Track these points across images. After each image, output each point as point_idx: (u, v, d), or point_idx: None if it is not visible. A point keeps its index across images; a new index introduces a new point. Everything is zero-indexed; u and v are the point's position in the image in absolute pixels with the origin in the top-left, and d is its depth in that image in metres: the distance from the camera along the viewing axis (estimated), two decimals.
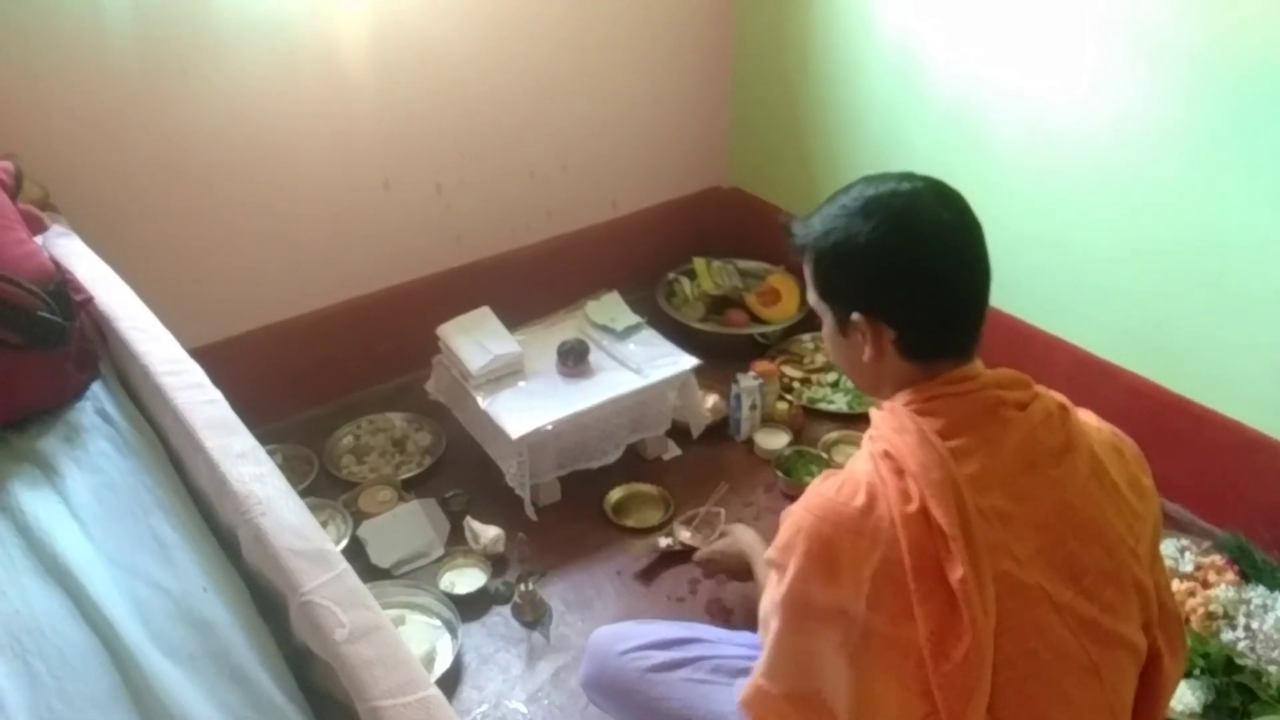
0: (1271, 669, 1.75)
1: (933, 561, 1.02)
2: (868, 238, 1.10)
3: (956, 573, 1.01)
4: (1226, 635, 1.81)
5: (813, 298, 1.20)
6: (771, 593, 1.14)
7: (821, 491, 1.10)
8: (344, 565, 1.01)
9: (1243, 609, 1.84)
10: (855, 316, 1.13)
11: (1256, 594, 1.87)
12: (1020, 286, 2.32)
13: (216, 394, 1.26)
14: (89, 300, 1.45)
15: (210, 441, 1.15)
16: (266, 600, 1.09)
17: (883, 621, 1.04)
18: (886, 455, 1.08)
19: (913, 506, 1.03)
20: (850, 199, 1.14)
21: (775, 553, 1.13)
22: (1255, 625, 1.81)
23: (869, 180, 1.15)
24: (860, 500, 1.06)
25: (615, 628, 1.65)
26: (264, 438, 2.24)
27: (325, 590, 0.97)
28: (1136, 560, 1.12)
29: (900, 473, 1.06)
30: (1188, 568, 1.94)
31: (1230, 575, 1.91)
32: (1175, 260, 2.02)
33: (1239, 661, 1.75)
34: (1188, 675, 1.74)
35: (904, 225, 1.10)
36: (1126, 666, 1.12)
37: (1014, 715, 1.04)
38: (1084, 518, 1.09)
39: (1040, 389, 1.15)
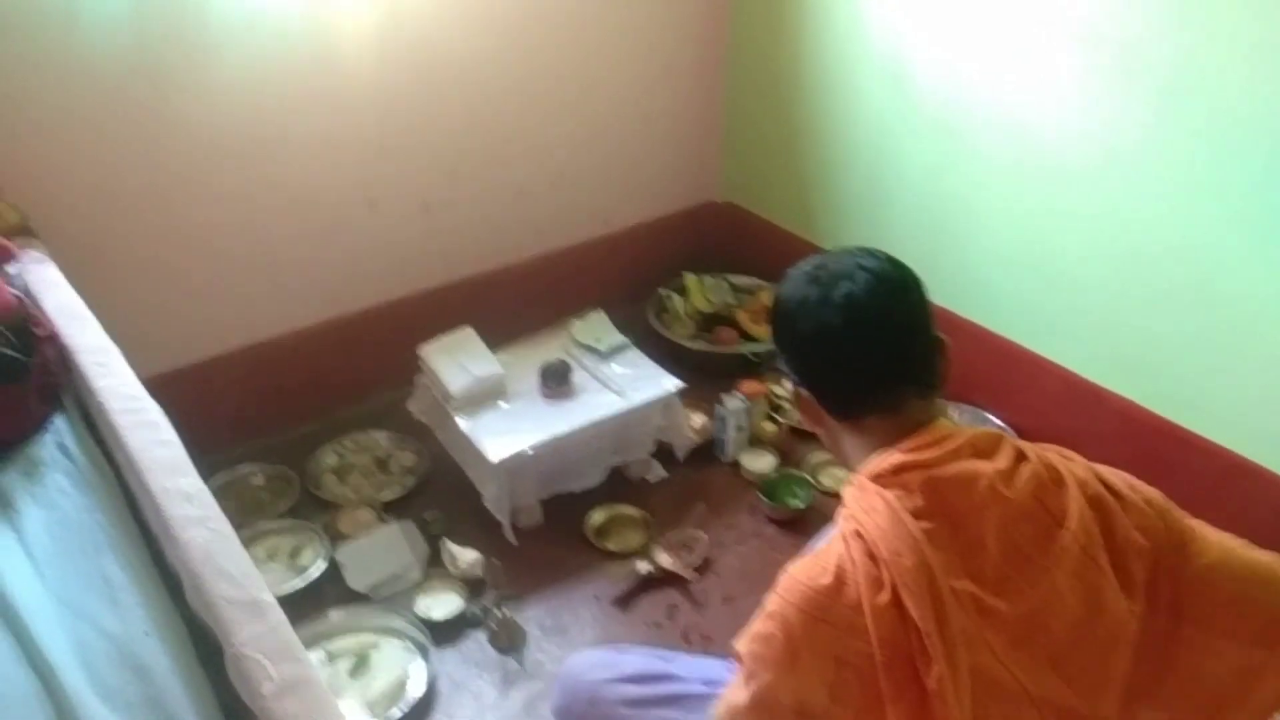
0: None
1: (905, 657, 0.97)
2: (785, 305, 1.18)
3: (933, 673, 0.95)
4: None
5: None
6: (735, 696, 1.06)
7: (792, 574, 1.04)
8: (279, 616, 1.00)
9: None
10: (789, 381, 1.22)
11: None
12: (1010, 307, 2.30)
13: (171, 434, 1.25)
14: (51, 334, 1.45)
15: (157, 484, 1.15)
16: (210, 645, 1.09)
17: (846, 714, 0.99)
18: (858, 535, 1.02)
19: (884, 596, 0.97)
20: (787, 276, 1.21)
21: (746, 643, 1.05)
22: None
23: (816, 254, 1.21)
24: (826, 581, 1.00)
25: (588, 656, 1.64)
26: (246, 456, 2.30)
27: (257, 643, 0.96)
28: (1132, 620, 1.03)
29: (872, 556, 1.00)
30: None
31: None
32: (1163, 285, 2.00)
33: None
34: None
35: (810, 288, 1.14)
36: None
37: None
38: (1074, 600, 1.01)
39: (1025, 448, 1.08)
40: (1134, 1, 1.87)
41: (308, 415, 2.47)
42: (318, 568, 2.04)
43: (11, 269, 1.62)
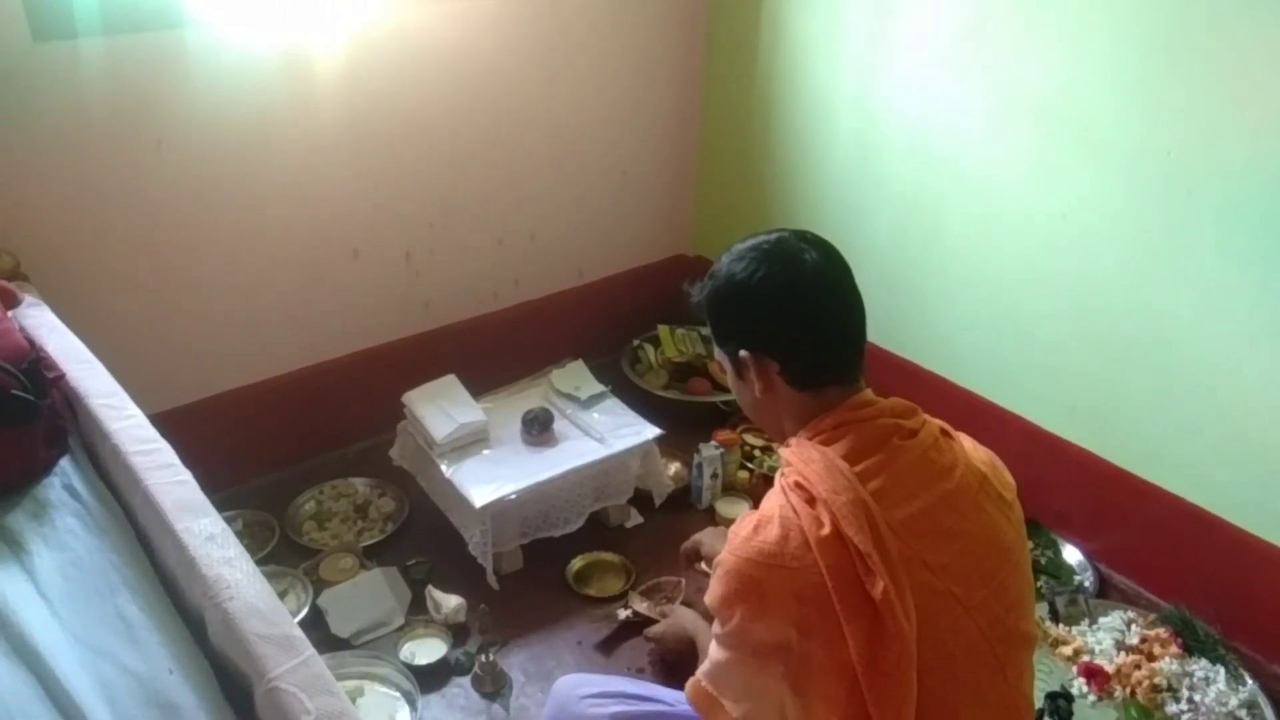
0: None
1: (853, 581, 1.07)
2: (742, 277, 1.21)
3: (877, 586, 1.06)
4: (1171, 708, 1.86)
5: (717, 351, 1.30)
6: (715, 629, 1.18)
7: (739, 533, 1.15)
8: (310, 651, 1.03)
9: (1186, 682, 1.90)
10: (742, 354, 1.23)
11: (1199, 667, 1.93)
12: (972, 361, 2.40)
13: (186, 474, 1.28)
14: (61, 377, 1.46)
15: (180, 524, 1.17)
16: (232, 682, 1.11)
17: (817, 648, 1.08)
18: (797, 486, 1.14)
19: (825, 530, 1.09)
20: (729, 254, 1.26)
21: (712, 601, 1.16)
22: (1198, 698, 1.87)
23: (749, 235, 1.26)
24: (774, 532, 1.11)
25: (578, 675, 1.70)
26: (226, 502, 2.29)
27: (291, 676, 0.99)
28: (1027, 560, 1.23)
29: (811, 500, 1.12)
30: (1133, 640, 1.99)
31: (1174, 648, 1.97)
32: (1118, 341, 2.11)
33: None
34: None
35: (772, 261, 1.20)
36: (1025, 660, 1.22)
37: (934, 718, 1.10)
38: (980, 525, 1.17)
39: (926, 416, 1.24)
40: (1090, 81, 2.00)
41: (287, 461, 2.48)
42: (300, 614, 2.04)
43: (12, 315, 1.63)
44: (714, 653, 1.19)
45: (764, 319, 1.21)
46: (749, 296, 1.21)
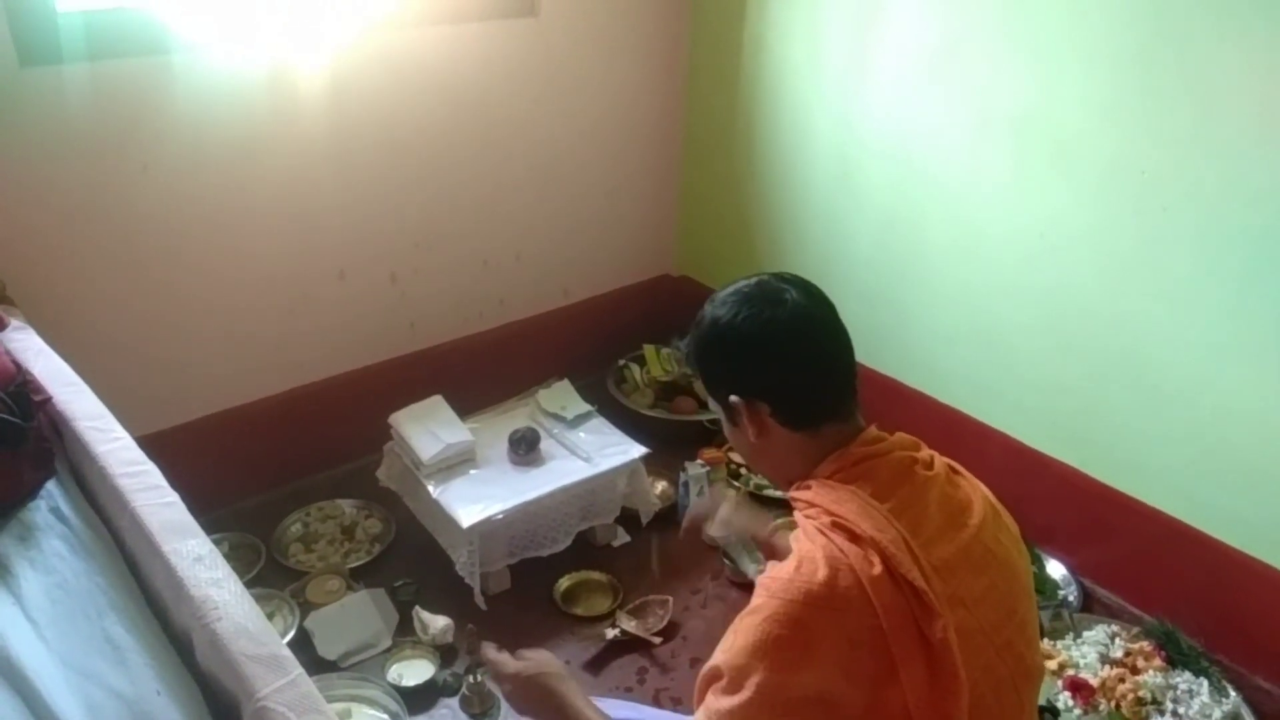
0: None
1: (907, 622, 1.05)
2: (724, 321, 1.21)
3: (938, 624, 1.04)
4: None
5: (711, 404, 1.28)
6: (721, 703, 1.07)
7: (778, 576, 1.08)
8: (298, 670, 1.03)
9: (1170, 694, 1.91)
10: (733, 399, 1.22)
11: (1183, 679, 1.95)
12: (955, 377, 2.42)
13: (174, 496, 1.28)
14: (47, 400, 1.46)
15: (167, 545, 1.17)
16: (220, 703, 1.11)
17: (861, 695, 1.03)
18: (836, 526, 1.10)
19: (877, 570, 1.05)
20: (710, 302, 1.25)
21: (738, 656, 1.06)
22: (1182, 710, 1.88)
23: (730, 282, 1.26)
24: (823, 573, 1.05)
25: None
26: (212, 525, 2.28)
27: (280, 696, 0.99)
28: (1033, 592, 1.22)
29: (856, 539, 1.08)
30: (1117, 653, 2.01)
31: (1158, 661, 1.98)
32: (1098, 357, 2.14)
33: None
34: None
35: (753, 303, 1.20)
36: (1037, 694, 1.21)
37: None
38: (1002, 559, 1.16)
39: (931, 450, 1.23)
40: (1065, 100, 2.04)
41: (273, 484, 2.47)
42: (287, 636, 2.03)
43: None
44: None
45: (749, 360, 1.20)
46: (732, 339, 1.20)
